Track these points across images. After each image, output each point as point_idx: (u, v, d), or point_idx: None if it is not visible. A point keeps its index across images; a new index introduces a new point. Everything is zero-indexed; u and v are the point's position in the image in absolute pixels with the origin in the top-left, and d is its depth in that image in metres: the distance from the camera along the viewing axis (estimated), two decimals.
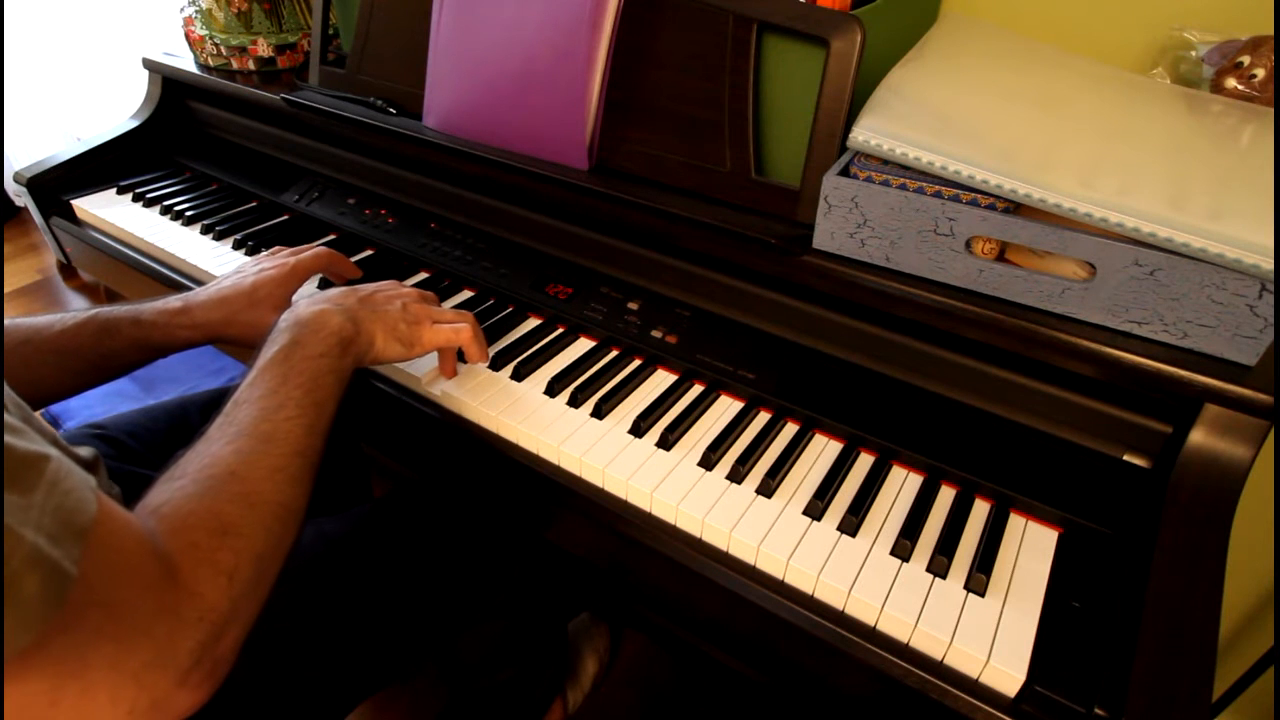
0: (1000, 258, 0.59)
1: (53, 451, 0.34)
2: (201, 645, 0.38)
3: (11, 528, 0.30)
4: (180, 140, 1.13)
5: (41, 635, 0.31)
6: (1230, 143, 0.60)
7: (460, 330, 0.65)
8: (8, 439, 0.32)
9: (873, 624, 0.52)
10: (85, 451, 0.52)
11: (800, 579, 0.54)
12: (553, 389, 0.68)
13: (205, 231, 0.94)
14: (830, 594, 0.53)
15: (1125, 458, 0.58)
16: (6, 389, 0.37)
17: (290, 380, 0.51)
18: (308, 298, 0.60)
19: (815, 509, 0.57)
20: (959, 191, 0.57)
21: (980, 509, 0.58)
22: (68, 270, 2.09)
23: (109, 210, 0.99)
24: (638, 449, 0.63)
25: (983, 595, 0.52)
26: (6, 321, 0.61)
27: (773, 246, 0.65)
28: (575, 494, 0.62)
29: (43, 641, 0.31)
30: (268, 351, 0.53)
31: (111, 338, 0.64)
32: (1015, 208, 0.57)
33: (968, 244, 0.58)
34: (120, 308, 0.66)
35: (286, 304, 0.71)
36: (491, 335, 0.75)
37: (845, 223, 0.62)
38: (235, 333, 0.68)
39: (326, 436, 0.52)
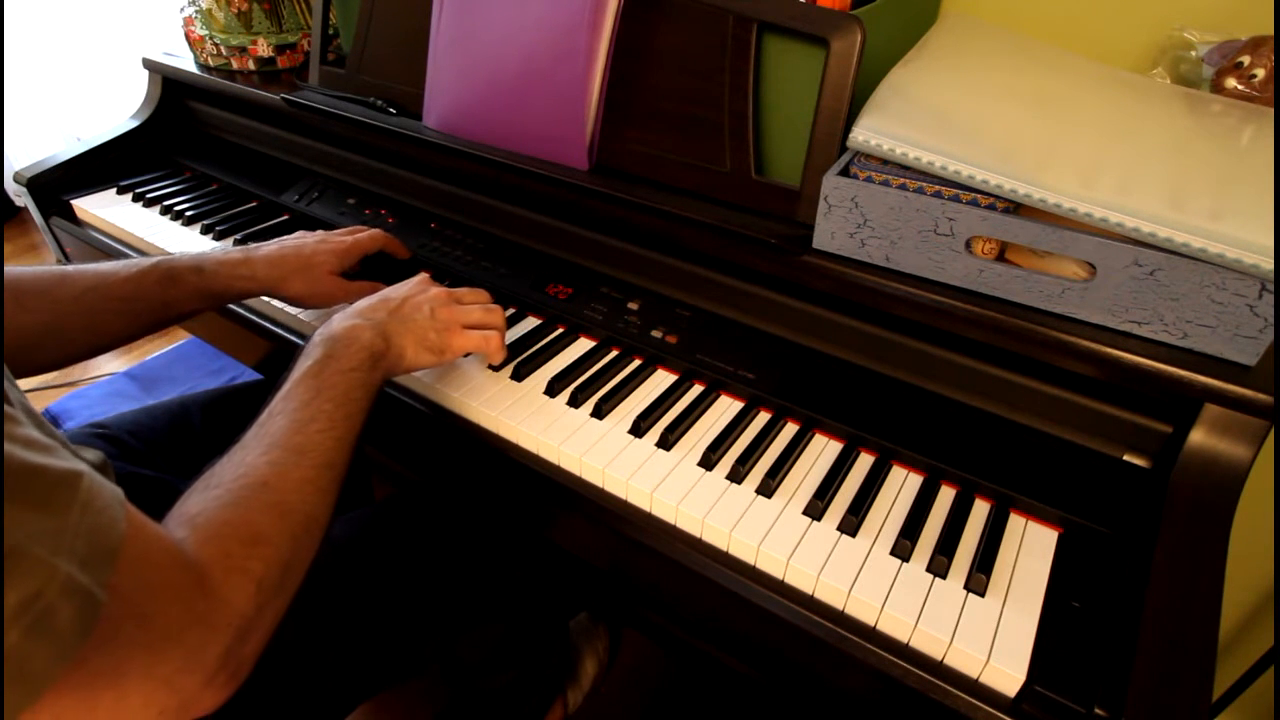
0: (1000, 258, 0.59)
1: (83, 466, 0.34)
2: (228, 649, 0.39)
3: (44, 559, 0.30)
4: (180, 140, 1.14)
5: (79, 657, 0.32)
6: (1230, 143, 0.60)
7: (490, 338, 0.65)
8: (41, 459, 0.32)
9: (873, 624, 0.52)
10: (92, 455, 0.52)
11: (800, 579, 0.54)
12: (553, 389, 0.68)
13: (205, 231, 0.94)
14: (830, 594, 0.53)
15: (1125, 458, 0.58)
16: (16, 399, 0.37)
17: (323, 394, 0.52)
18: (341, 314, 0.61)
19: (815, 509, 0.57)
20: (959, 191, 0.57)
21: (980, 509, 0.58)
22: None
23: (109, 210, 0.99)
24: (638, 449, 0.63)
25: (983, 595, 0.52)
26: (73, 267, 0.64)
27: (773, 246, 0.65)
28: (575, 494, 0.62)
29: (81, 659, 0.32)
30: (302, 364, 0.55)
31: (174, 286, 0.66)
32: (1015, 208, 0.57)
33: (968, 244, 0.58)
34: (182, 257, 0.68)
35: (337, 277, 0.73)
36: None
37: (845, 223, 0.62)
38: (291, 289, 0.71)
39: (354, 448, 0.53)
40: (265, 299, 0.79)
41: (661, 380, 0.71)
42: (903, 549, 0.54)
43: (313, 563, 0.50)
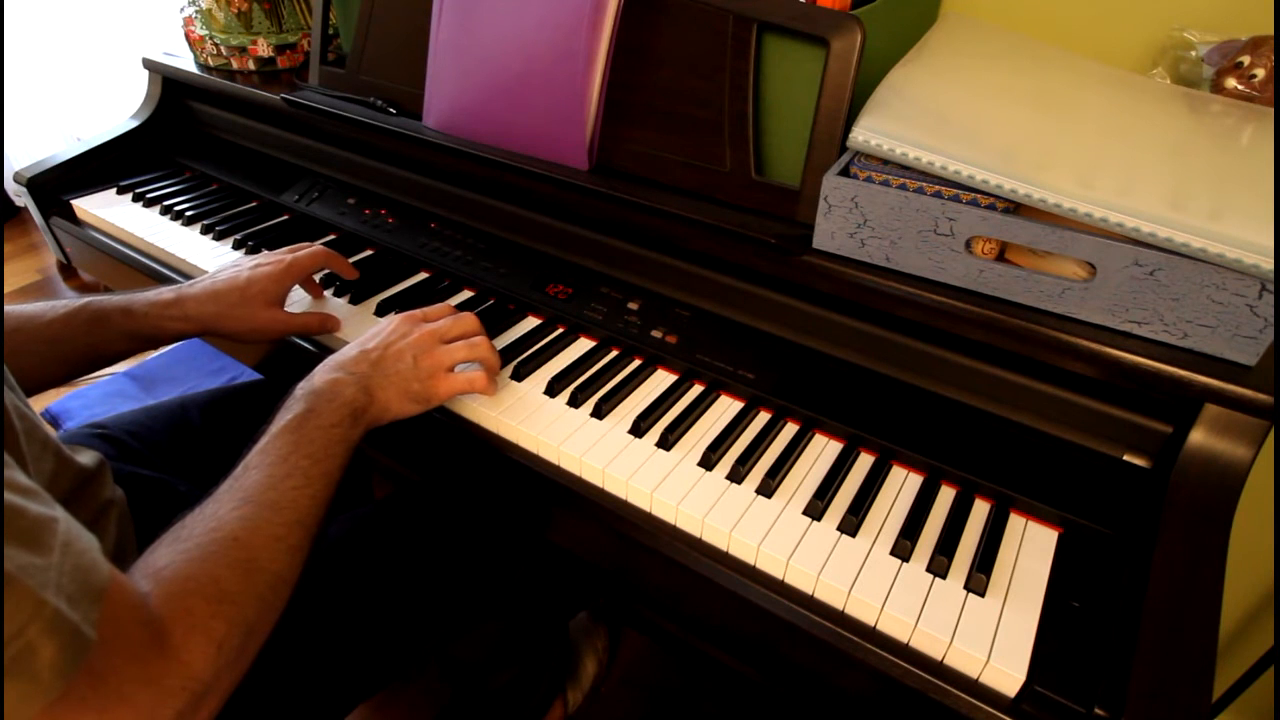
0: (1000, 258, 0.59)
1: (59, 512, 0.34)
2: (179, 715, 0.37)
3: (32, 591, 0.29)
4: (180, 140, 1.13)
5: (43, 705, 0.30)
6: (1230, 143, 0.60)
7: (474, 380, 0.64)
8: (19, 501, 0.32)
9: (873, 624, 0.52)
10: (88, 457, 0.52)
11: (800, 579, 0.54)
12: (553, 389, 0.68)
13: (205, 231, 0.94)
14: (830, 594, 0.53)
15: (1125, 458, 0.58)
16: (10, 400, 0.37)
17: (300, 449, 0.51)
18: (323, 365, 0.60)
19: (815, 509, 0.57)
20: (959, 191, 0.57)
21: (980, 509, 0.58)
22: (68, 270, 2.09)
23: (109, 210, 0.99)
24: (638, 449, 0.63)
25: (983, 595, 0.52)
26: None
27: (773, 246, 0.65)
28: (575, 494, 0.62)
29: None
30: (282, 418, 0.54)
31: (102, 328, 0.64)
32: (1015, 208, 0.57)
33: (968, 244, 0.58)
34: (111, 298, 0.66)
35: (281, 302, 0.71)
36: (491, 335, 0.74)
37: (845, 223, 0.62)
38: (228, 327, 0.68)
39: (328, 507, 0.52)
40: None
41: (661, 380, 0.71)
42: (903, 549, 0.54)
43: (312, 560, 0.49)
